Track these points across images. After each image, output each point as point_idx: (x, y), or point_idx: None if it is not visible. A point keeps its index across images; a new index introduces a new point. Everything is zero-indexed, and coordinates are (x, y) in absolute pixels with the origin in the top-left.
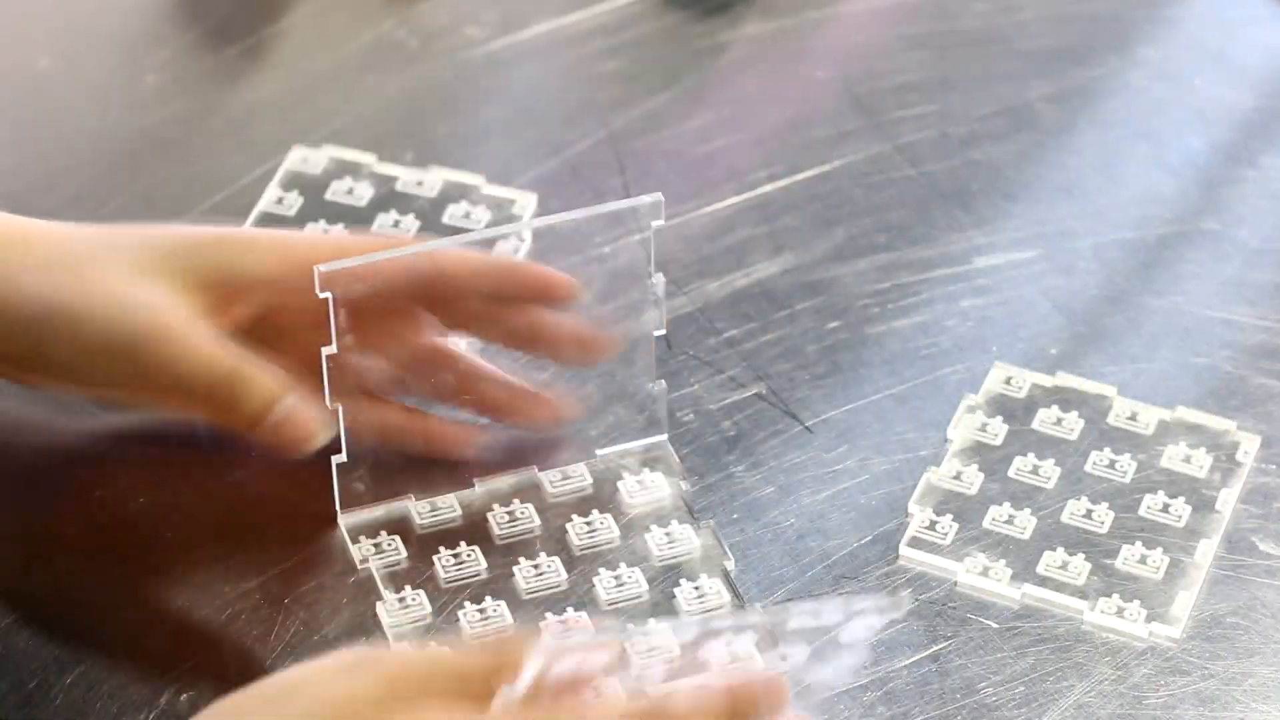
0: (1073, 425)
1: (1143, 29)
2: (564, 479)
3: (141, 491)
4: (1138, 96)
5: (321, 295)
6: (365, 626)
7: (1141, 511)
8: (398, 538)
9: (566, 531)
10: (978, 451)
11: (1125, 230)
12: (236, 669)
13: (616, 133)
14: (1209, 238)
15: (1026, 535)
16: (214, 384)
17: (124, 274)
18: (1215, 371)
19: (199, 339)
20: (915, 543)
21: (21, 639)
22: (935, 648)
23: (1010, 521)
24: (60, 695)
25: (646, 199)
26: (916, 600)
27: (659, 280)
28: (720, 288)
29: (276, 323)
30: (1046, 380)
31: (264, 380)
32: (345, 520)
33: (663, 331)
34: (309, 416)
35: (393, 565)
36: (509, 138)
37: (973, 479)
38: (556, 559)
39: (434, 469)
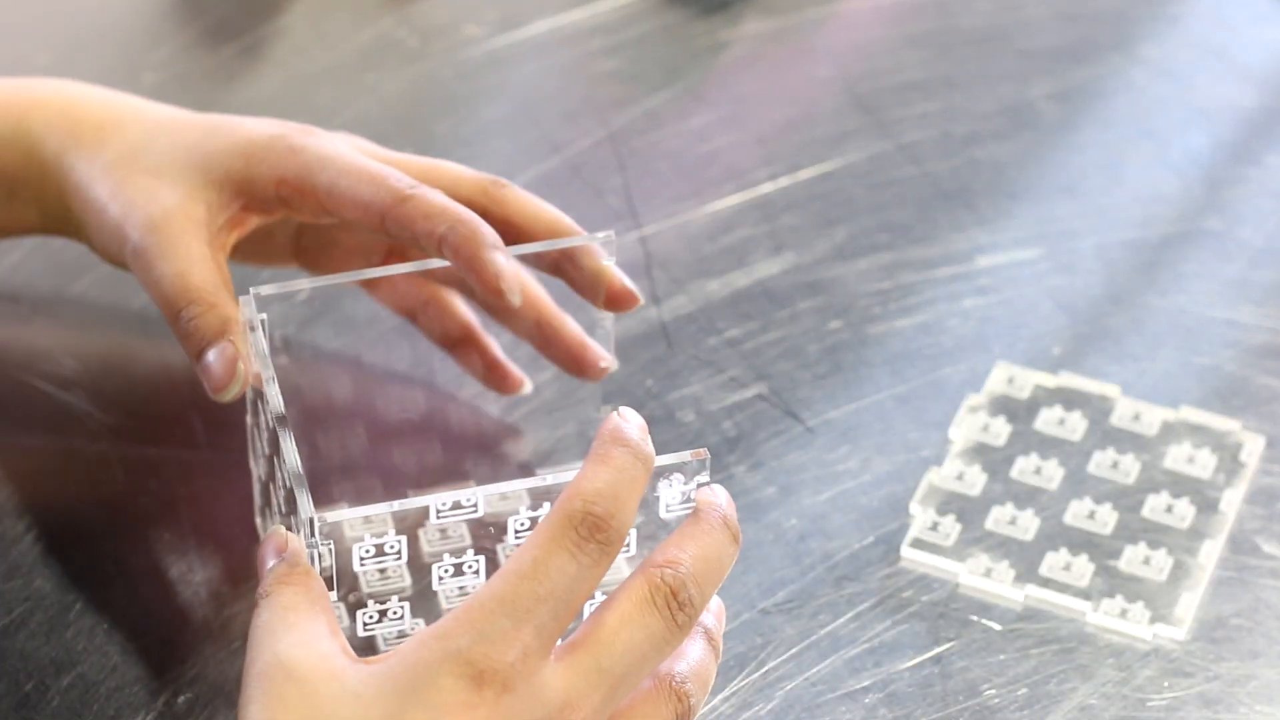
0: (1075, 425)
1: (1145, 28)
2: (501, 499)
3: (141, 491)
4: (1140, 95)
5: (255, 316)
6: None
7: (1145, 512)
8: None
9: (497, 552)
10: (980, 452)
11: (1128, 229)
12: (236, 670)
13: (616, 132)
14: (1212, 237)
15: (1029, 536)
16: (171, 306)
17: (153, 169)
18: (1219, 371)
19: (183, 253)
20: (917, 544)
21: (19, 640)
22: (937, 649)
23: (1013, 522)
24: (57, 697)
25: (600, 235)
26: (919, 602)
27: (607, 318)
28: (721, 287)
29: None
30: (1049, 380)
31: (208, 318)
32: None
33: (611, 366)
34: (223, 372)
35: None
36: (509, 137)
37: (975, 479)
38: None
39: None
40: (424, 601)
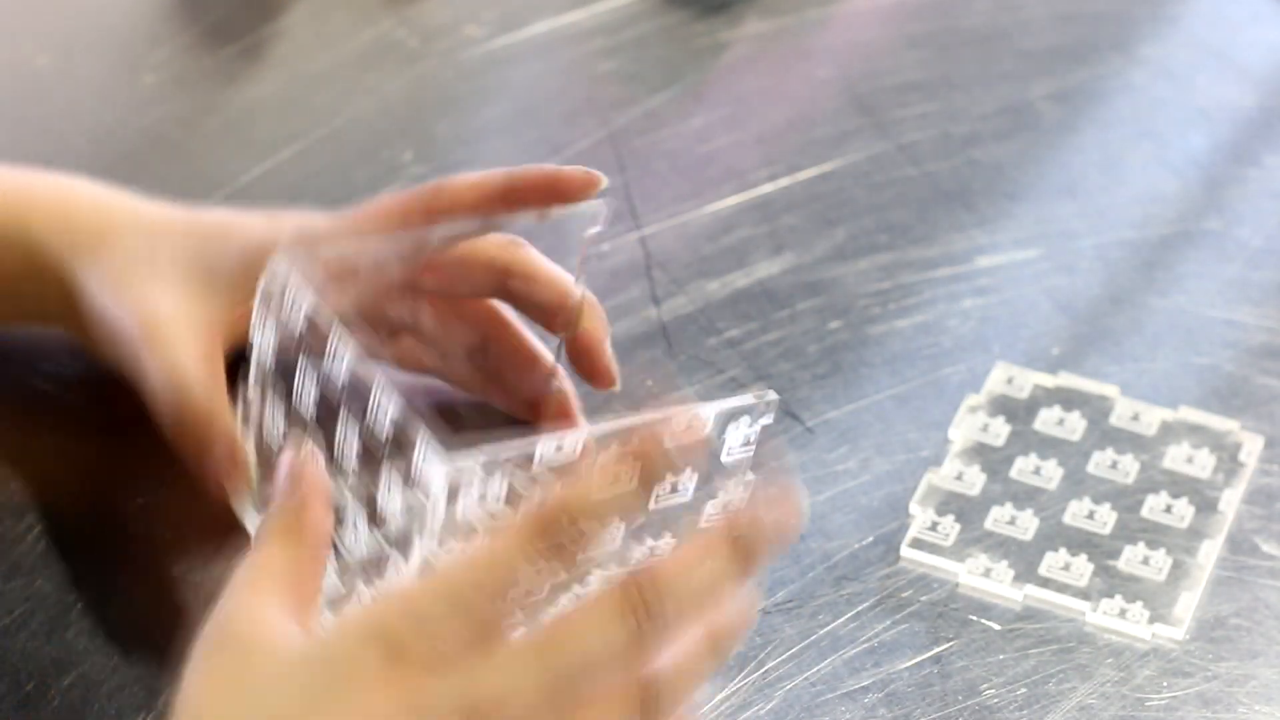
0: (1075, 426)
1: (1145, 28)
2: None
3: (141, 491)
4: (1140, 95)
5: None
6: None
7: (1144, 512)
8: None
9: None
10: (979, 452)
11: (1127, 230)
12: None
13: (616, 132)
14: (1212, 237)
15: (1028, 536)
16: (164, 411)
17: (153, 278)
18: (1218, 372)
19: (178, 356)
20: (917, 544)
21: (19, 640)
22: (937, 649)
23: (1012, 522)
24: (58, 697)
25: (593, 204)
26: (918, 602)
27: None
28: (720, 288)
29: None
30: (1048, 380)
31: (200, 428)
32: None
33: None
34: (223, 473)
35: None
36: (509, 137)
37: (974, 479)
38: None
39: None
40: None
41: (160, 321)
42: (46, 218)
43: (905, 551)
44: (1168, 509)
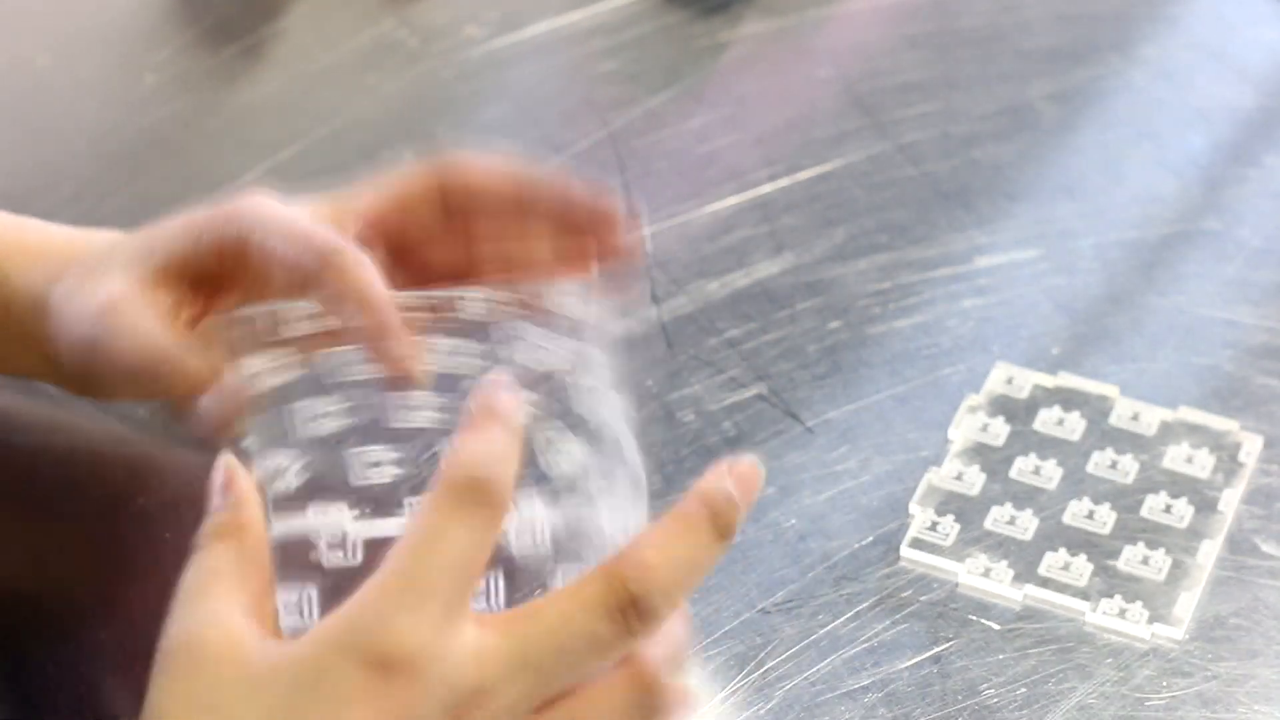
0: (1074, 426)
1: (1144, 28)
2: None
3: (141, 491)
4: (1139, 96)
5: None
6: None
7: (1144, 512)
8: None
9: None
10: (979, 452)
11: (1127, 230)
12: None
13: (616, 132)
14: (1211, 237)
15: (1028, 536)
16: (140, 379)
17: (100, 271)
18: (1218, 372)
19: (139, 330)
20: (916, 543)
21: (20, 640)
22: (936, 649)
23: (1012, 522)
24: (59, 697)
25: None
26: (918, 601)
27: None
28: (720, 288)
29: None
30: (1048, 380)
31: (188, 366)
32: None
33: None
34: (220, 412)
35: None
36: (509, 137)
37: (974, 479)
38: None
39: None
40: None
41: (116, 302)
42: (23, 257)
43: (905, 551)
44: (1167, 509)
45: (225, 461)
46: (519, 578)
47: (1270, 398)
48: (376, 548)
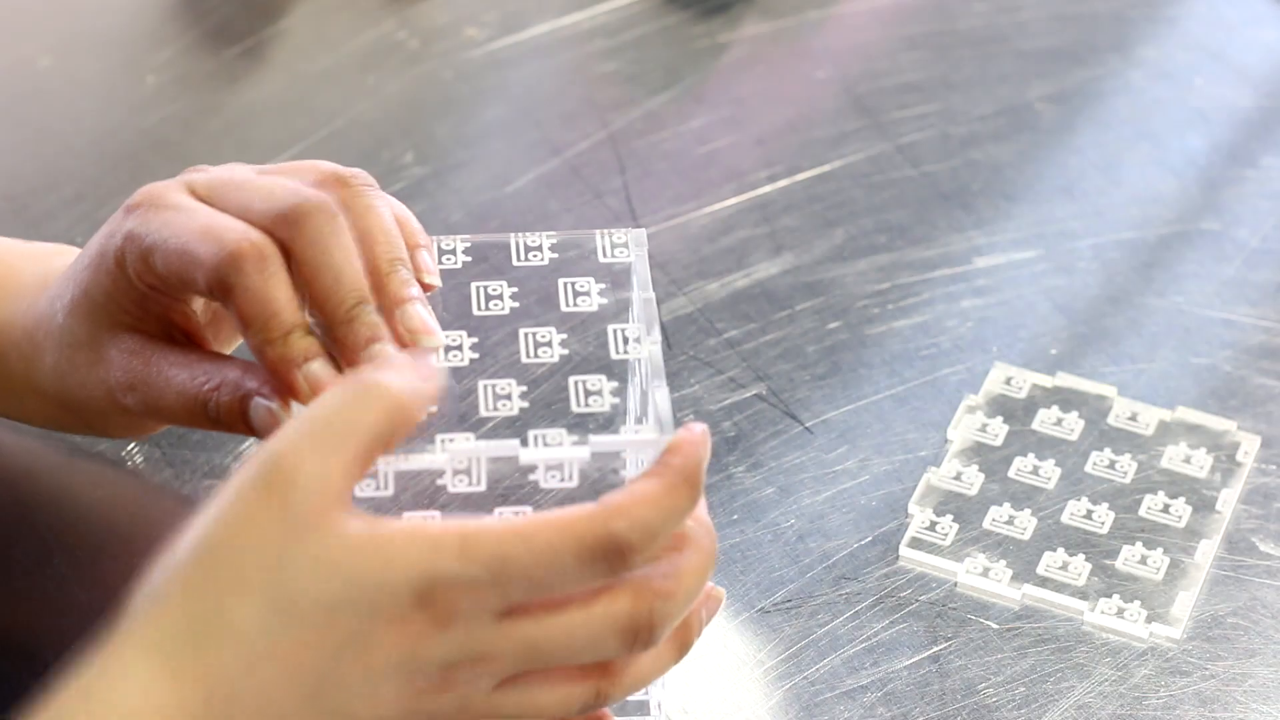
0: (1073, 425)
1: (1143, 29)
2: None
3: (142, 491)
4: (1138, 96)
5: None
6: None
7: (1142, 512)
8: None
9: None
10: (978, 452)
11: (1125, 230)
12: None
13: (616, 133)
14: (1209, 238)
15: (1027, 536)
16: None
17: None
18: (1215, 372)
19: (63, 373)
20: (915, 543)
21: (21, 639)
22: (935, 648)
23: (1010, 522)
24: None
25: (630, 233)
26: (917, 601)
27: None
28: (720, 288)
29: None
30: (1047, 380)
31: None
32: None
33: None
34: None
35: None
36: (509, 138)
37: (973, 479)
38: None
39: None
40: None
41: (100, 244)
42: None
43: (904, 551)
44: (1165, 508)
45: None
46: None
47: (1268, 398)
48: (407, 479)
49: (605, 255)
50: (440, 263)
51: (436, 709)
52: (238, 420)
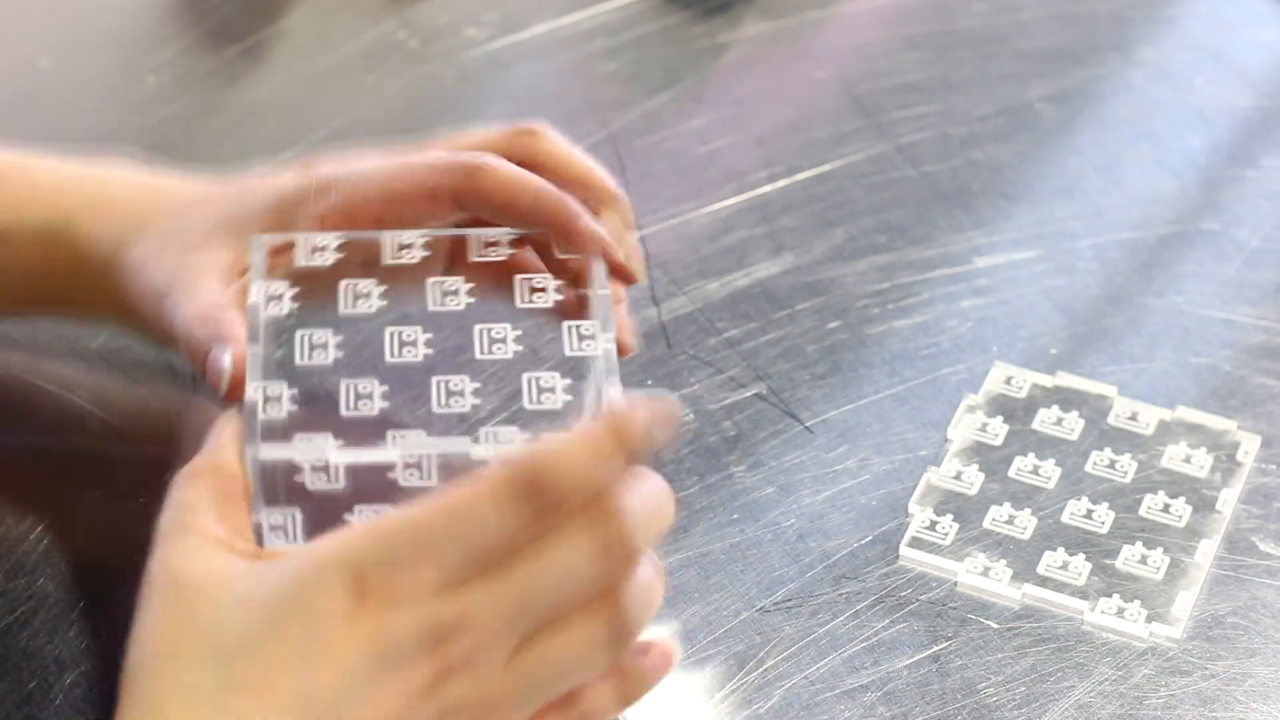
0: (1073, 425)
1: (1143, 29)
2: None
3: (141, 492)
4: (1138, 96)
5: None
6: None
7: (1142, 511)
8: None
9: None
10: (978, 451)
11: (1125, 230)
12: None
13: (616, 133)
14: (1209, 238)
15: (1027, 535)
16: (182, 336)
17: (188, 240)
18: (1215, 371)
19: (201, 291)
20: (915, 543)
21: (22, 638)
22: (935, 648)
23: (1010, 522)
24: (60, 695)
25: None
26: (917, 601)
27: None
28: (720, 288)
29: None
30: (1047, 380)
31: (206, 332)
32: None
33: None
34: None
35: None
36: None
37: (973, 479)
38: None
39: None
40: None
41: (189, 265)
42: (93, 215)
43: (904, 551)
44: (1165, 508)
45: (225, 418)
46: None
47: (1268, 397)
48: (359, 474)
49: (561, 252)
50: (401, 258)
51: (454, 697)
52: None
